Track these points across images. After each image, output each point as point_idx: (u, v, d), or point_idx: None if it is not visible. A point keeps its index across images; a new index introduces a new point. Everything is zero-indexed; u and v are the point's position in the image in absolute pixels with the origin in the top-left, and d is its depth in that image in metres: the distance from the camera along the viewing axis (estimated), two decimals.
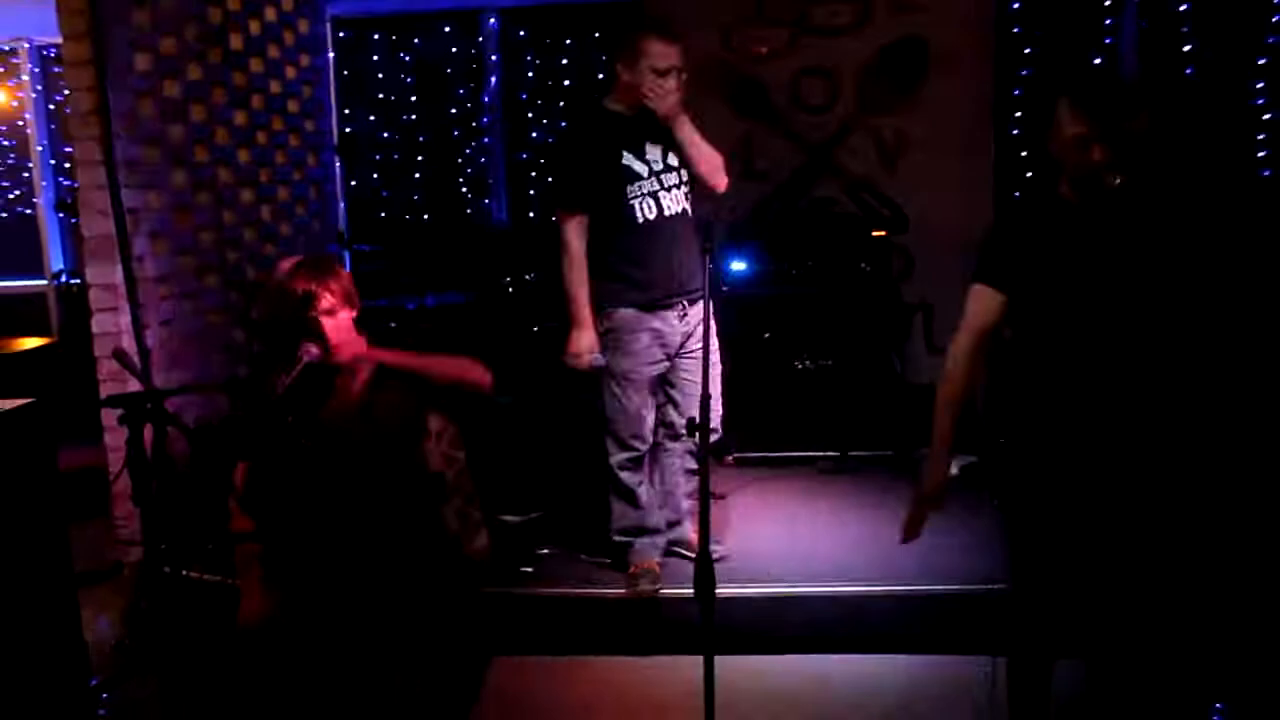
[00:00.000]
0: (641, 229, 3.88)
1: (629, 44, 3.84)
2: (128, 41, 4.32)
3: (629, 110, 3.89)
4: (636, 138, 3.89)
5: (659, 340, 3.97)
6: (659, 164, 3.92)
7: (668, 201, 3.92)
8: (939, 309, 5.85)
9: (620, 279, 3.92)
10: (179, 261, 4.67)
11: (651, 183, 3.90)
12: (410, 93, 7.03)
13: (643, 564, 4.07)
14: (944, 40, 5.73)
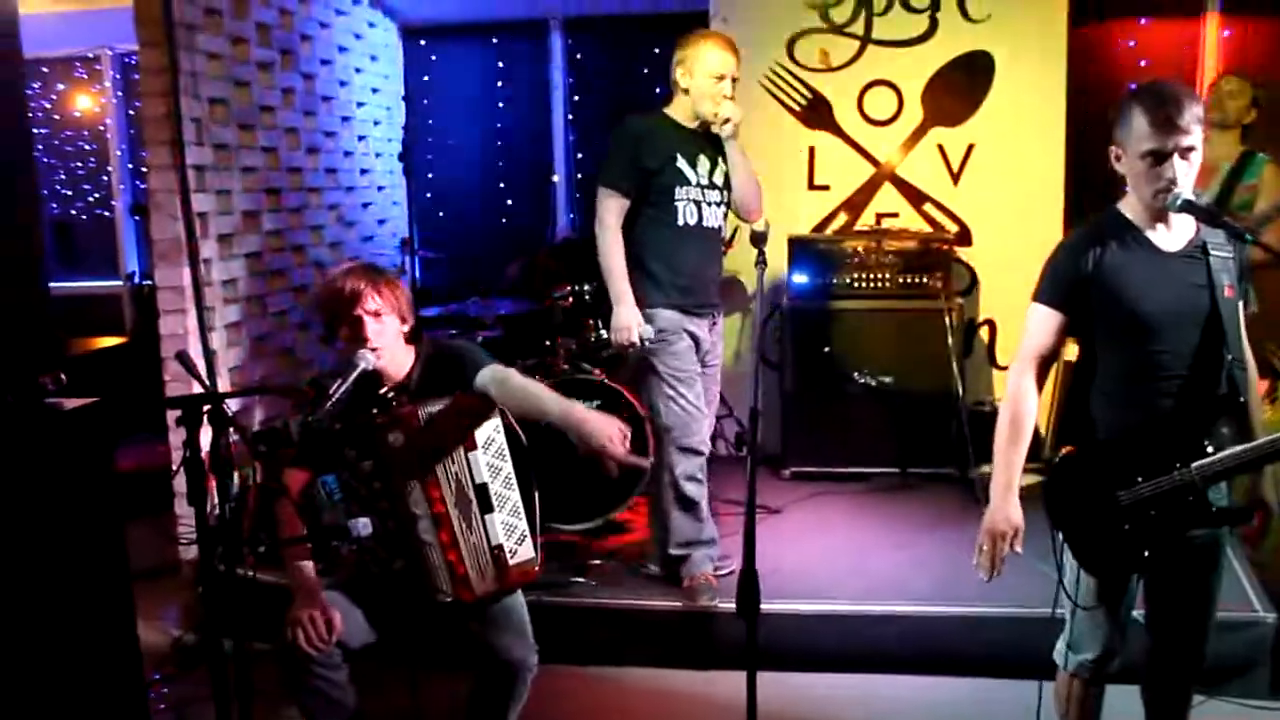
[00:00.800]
0: (681, 232, 3.98)
1: (687, 49, 3.97)
2: (201, 50, 4.40)
3: (687, 120, 4.01)
4: (692, 147, 4.00)
5: (694, 346, 4.05)
6: (706, 178, 4.02)
7: (707, 213, 4.02)
8: (1003, 325, 5.77)
9: (657, 278, 3.98)
10: (245, 266, 4.75)
11: (697, 191, 3.99)
12: (477, 102, 7.09)
13: (701, 576, 4.06)
14: (1012, 52, 5.64)
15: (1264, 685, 3.66)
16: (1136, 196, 2.65)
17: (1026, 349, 2.74)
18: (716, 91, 3.91)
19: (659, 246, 3.97)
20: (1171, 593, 2.78)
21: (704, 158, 4.02)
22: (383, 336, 2.93)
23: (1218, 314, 2.59)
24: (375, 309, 2.93)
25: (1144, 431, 2.61)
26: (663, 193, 3.95)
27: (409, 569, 2.85)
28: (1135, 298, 2.60)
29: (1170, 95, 2.53)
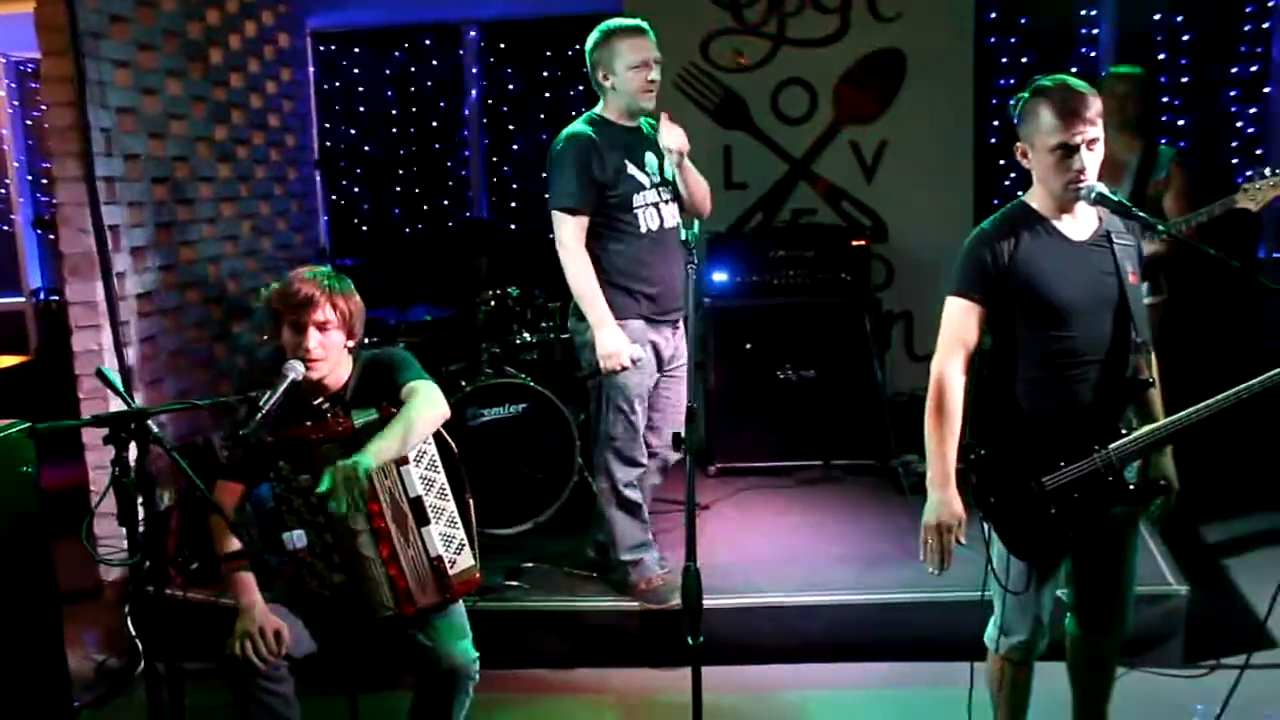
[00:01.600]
0: (645, 239, 3.84)
1: (599, 50, 3.81)
2: (107, 57, 4.30)
3: (624, 119, 3.86)
4: (638, 148, 3.86)
5: (656, 355, 3.96)
6: (656, 176, 3.88)
7: (667, 213, 3.88)
8: (918, 317, 5.90)
9: (628, 290, 3.85)
10: (160, 278, 4.65)
11: (653, 193, 3.86)
12: (391, 106, 7.03)
13: (656, 579, 4.06)
14: (922, 51, 5.77)
15: (1178, 654, 3.81)
16: (1045, 189, 2.73)
17: (946, 340, 2.79)
18: (643, 80, 3.75)
19: (628, 258, 3.83)
20: (1094, 571, 2.89)
21: (651, 155, 3.87)
22: (325, 349, 2.90)
23: (1125, 299, 2.70)
24: (323, 320, 2.88)
25: (1063, 416, 2.69)
26: (621, 203, 3.80)
27: (349, 583, 2.83)
28: (1050, 286, 2.69)
29: (1073, 90, 2.63)
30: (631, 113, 3.85)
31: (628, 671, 3.99)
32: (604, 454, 4.00)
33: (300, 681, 2.91)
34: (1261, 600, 4.08)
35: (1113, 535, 2.83)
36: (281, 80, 5.97)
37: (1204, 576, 4.25)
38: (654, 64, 3.77)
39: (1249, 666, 3.29)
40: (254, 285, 5.54)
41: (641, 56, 3.74)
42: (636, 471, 4.01)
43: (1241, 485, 5.43)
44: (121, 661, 4.16)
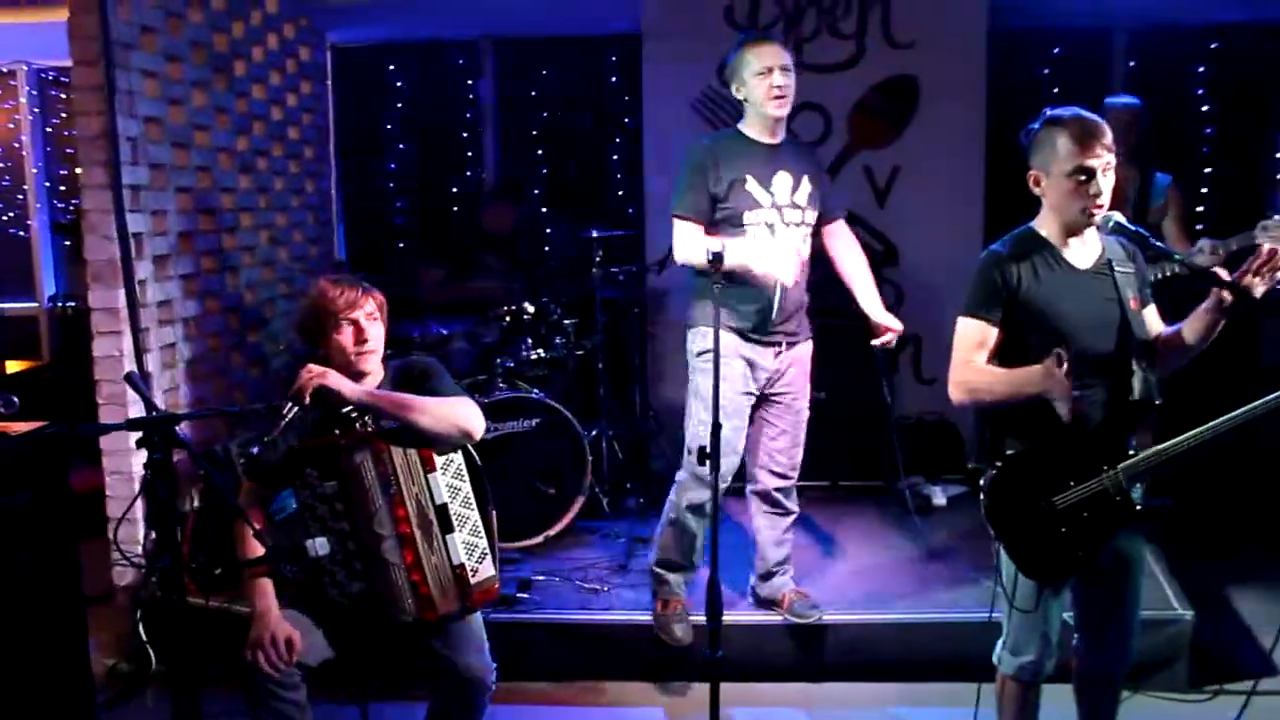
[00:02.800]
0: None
1: (732, 61, 3.80)
2: (137, 68, 4.36)
3: (761, 134, 3.82)
4: (768, 165, 3.80)
5: (751, 372, 3.87)
6: (784, 199, 3.81)
7: (782, 236, 3.81)
8: (928, 340, 5.95)
9: (720, 301, 3.65)
10: (180, 287, 4.71)
11: (770, 213, 3.79)
12: (409, 121, 7.09)
13: (675, 603, 4.02)
14: (935, 76, 5.83)
15: (1183, 679, 3.85)
16: (1057, 216, 2.80)
17: (959, 360, 2.84)
18: (769, 86, 3.69)
19: (729, 273, 3.64)
20: (1101, 593, 2.93)
21: (784, 174, 3.80)
22: (378, 340, 2.99)
23: (1127, 324, 2.78)
24: (371, 311, 2.99)
25: (1072, 437, 2.74)
26: (730, 217, 3.77)
27: (370, 590, 2.87)
28: (1057, 312, 2.76)
29: (1089, 118, 2.73)
30: (765, 123, 3.79)
31: (638, 685, 4.02)
32: (682, 467, 3.98)
33: (314, 689, 2.94)
34: (1266, 627, 4.12)
35: (1119, 558, 2.87)
36: (301, 93, 6.04)
37: (1208, 602, 4.29)
38: (782, 70, 3.71)
39: (1255, 693, 3.34)
40: (270, 295, 5.59)
41: (766, 63, 3.70)
42: (705, 493, 3.81)
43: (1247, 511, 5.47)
44: (132, 666, 4.19)
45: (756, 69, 3.71)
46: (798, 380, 4.00)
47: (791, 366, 3.96)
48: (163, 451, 2.49)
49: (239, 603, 3.96)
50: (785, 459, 4.04)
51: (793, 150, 3.90)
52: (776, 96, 3.72)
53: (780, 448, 4.02)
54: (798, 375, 4.00)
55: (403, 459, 2.86)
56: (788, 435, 4.01)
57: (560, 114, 6.98)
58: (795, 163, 3.85)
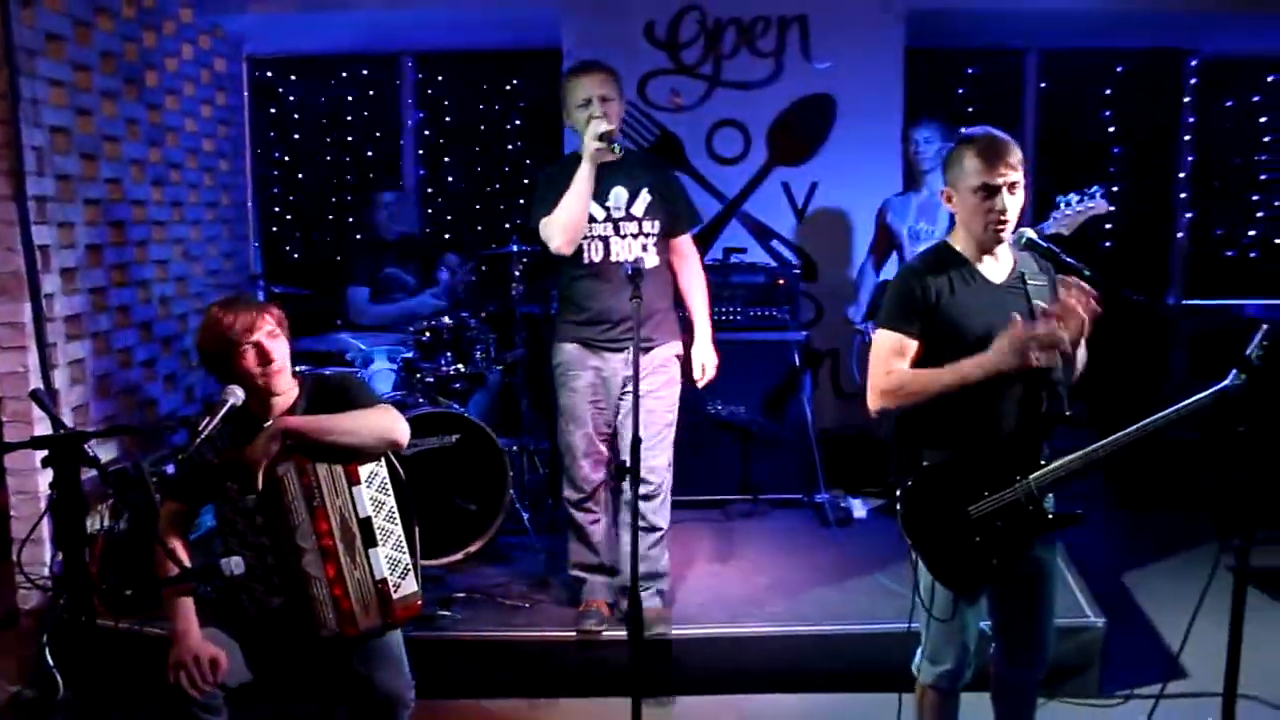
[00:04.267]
0: (586, 269, 3.96)
1: (561, 93, 3.97)
2: (43, 76, 4.25)
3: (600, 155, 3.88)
4: (604, 181, 3.91)
5: (600, 380, 4.03)
6: (620, 211, 3.96)
7: (618, 247, 3.96)
8: (846, 355, 6.03)
9: (566, 315, 4.03)
10: (90, 301, 4.59)
11: (605, 227, 3.95)
12: (327, 134, 7.00)
13: (592, 602, 4.11)
14: (852, 95, 5.94)
15: (1095, 685, 3.93)
16: (968, 231, 2.87)
17: (876, 372, 2.88)
18: (587, 116, 3.84)
19: (570, 285, 4.01)
20: (1016, 602, 2.99)
21: (620, 190, 3.97)
22: (283, 357, 2.93)
23: None
24: (271, 330, 2.92)
25: (986, 447, 2.80)
26: None
27: (289, 605, 2.82)
28: (972, 326, 2.81)
29: (996, 137, 2.81)
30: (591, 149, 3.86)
31: (561, 702, 4.00)
32: (561, 472, 4.17)
33: (233, 713, 2.88)
34: (1173, 631, 4.23)
35: (1033, 567, 2.92)
36: (216, 105, 5.93)
37: (1118, 609, 4.40)
38: (600, 100, 3.85)
39: (1164, 696, 3.43)
40: (183, 311, 5.48)
41: (585, 94, 3.86)
42: (577, 493, 4.10)
43: (1155, 518, 5.63)
44: (36, 692, 4.05)
45: (577, 100, 3.89)
46: (650, 381, 4.01)
47: (645, 369, 3.96)
48: (70, 470, 2.42)
49: (151, 624, 3.87)
50: (643, 465, 3.85)
51: (636, 164, 4.05)
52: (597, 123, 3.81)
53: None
54: (655, 378, 4.04)
55: (326, 472, 2.83)
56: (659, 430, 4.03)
57: (479, 128, 6.95)
58: (634, 176, 3.99)
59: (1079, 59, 6.79)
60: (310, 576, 2.81)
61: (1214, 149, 7.01)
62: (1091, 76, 6.86)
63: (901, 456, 2.93)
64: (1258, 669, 3.23)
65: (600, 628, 4.01)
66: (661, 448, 4.05)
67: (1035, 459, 2.80)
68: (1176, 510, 5.67)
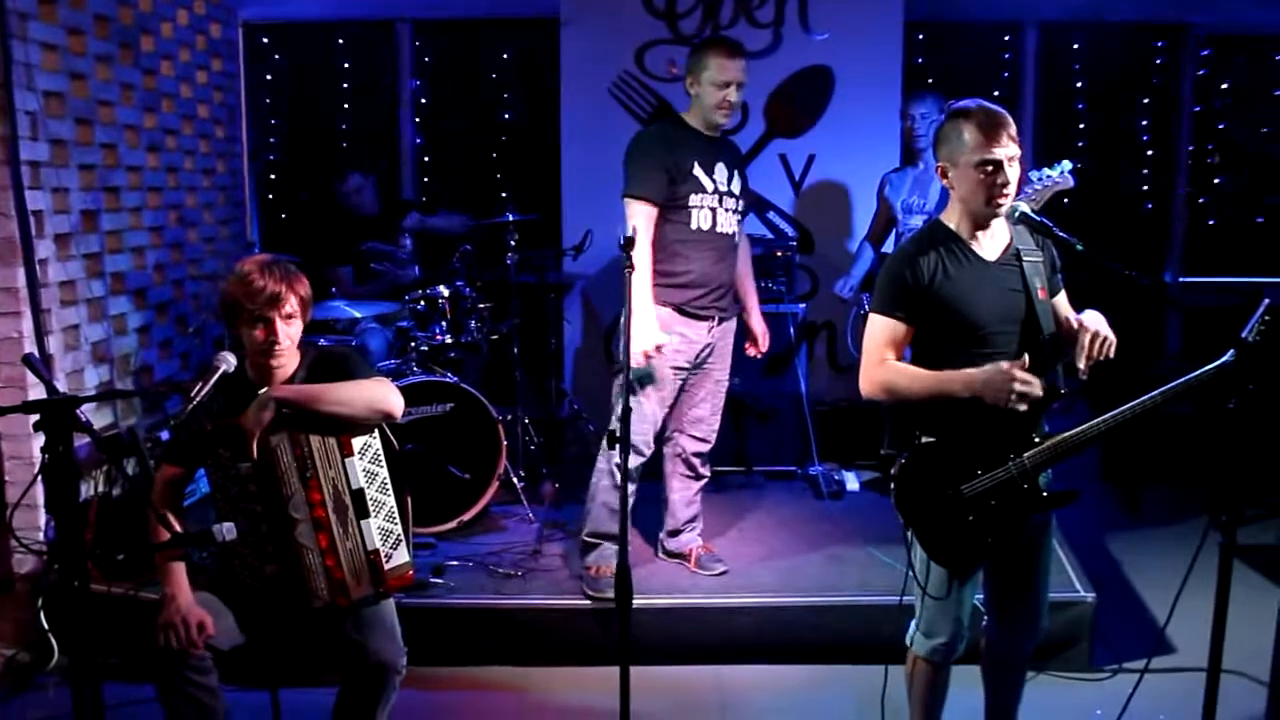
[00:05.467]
0: (693, 236, 4.03)
1: (693, 58, 4.02)
2: (35, 39, 4.21)
3: (704, 128, 4.06)
4: (709, 155, 4.07)
5: (686, 347, 4.08)
6: (724, 186, 4.09)
7: (722, 221, 4.07)
8: (843, 328, 6.03)
9: (662, 276, 4.02)
10: (84, 267, 4.57)
11: (713, 199, 4.05)
12: (323, 101, 6.96)
13: (607, 569, 4.10)
14: (851, 67, 5.91)
15: (1084, 659, 3.96)
16: (965, 207, 2.84)
17: (870, 356, 2.88)
18: (722, 99, 3.96)
19: (671, 249, 4.02)
20: (1010, 576, 3.00)
21: (722, 165, 4.09)
22: (292, 338, 2.92)
23: (1034, 315, 2.83)
24: (290, 312, 2.89)
25: (979, 426, 2.80)
26: (680, 198, 4.00)
27: (282, 573, 2.83)
28: (965, 304, 2.81)
29: (994, 110, 2.78)
30: (710, 123, 4.06)
31: (550, 670, 4.03)
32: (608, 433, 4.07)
33: (224, 675, 2.90)
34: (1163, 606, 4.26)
35: (1028, 542, 2.94)
36: (212, 70, 5.89)
37: (1108, 582, 4.43)
38: (737, 86, 3.98)
39: (1149, 671, 3.46)
40: (178, 277, 5.46)
41: (726, 77, 3.95)
42: (636, 461, 4.07)
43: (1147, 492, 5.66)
44: (32, 656, 4.08)
45: (718, 79, 3.96)
46: (724, 354, 4.28)
47: (721, 340, 4.23)
48: (62, 435, 2.42)
49: (145, 589, 3.89)
50: (706, 426, 4.33)
51: (729, 147, 4.22)
52: (722, 109, 4.00)
53: (702, 415, 4.30)
54: (724, 349, 4.27)
55: (320, 443, 2.83)
56: (708, 403, 4.30)
57: (476, 95, 6.91)
58: (732, 157, 4.18)
59: (1078, 32, 6.76)
60: (303, 547, 2.82)
61: (1214, 124, 6.99)
62: (1090, 50, 6.82)
63: (895, 430, 2.93)
64: (1245, 645, 3.27)
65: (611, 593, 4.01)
66: (720, 411, 4.38)
67: (1028, 437, 2.80)
68: (1169, 484, 5.70)
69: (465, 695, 3.91)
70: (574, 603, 4.08)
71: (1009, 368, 2.69)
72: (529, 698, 3.89)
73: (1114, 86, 6.88)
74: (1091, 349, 2.74)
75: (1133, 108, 6.91)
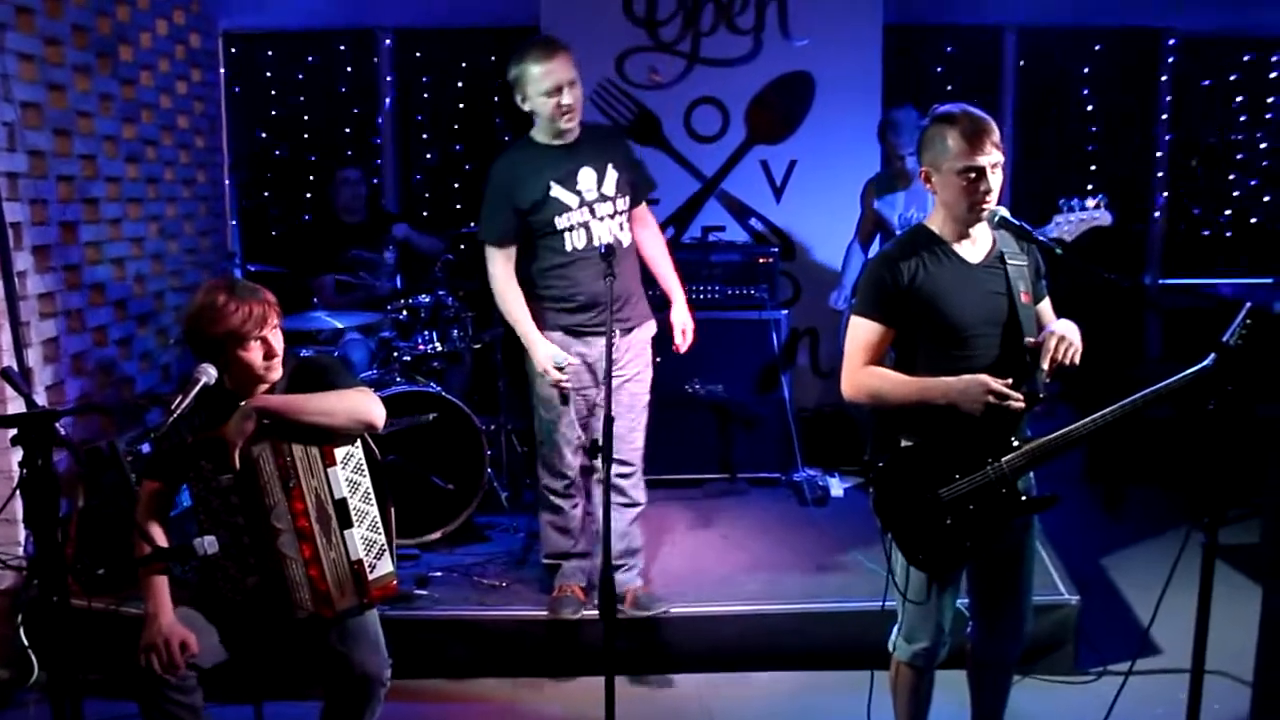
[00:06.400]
0: (570, 257, 3.87)
1: (513, 78, 3.77)
2: (12, 50, 4.19)
3: (554, 139, 3.83)
4: (566, 166, 3.83)
5: (586, 365, 3.96)
6: (592, 193, 3.86)
7: (598, 231, 3.88)
8: (824, 334, 6.04)
9: (549, 303, 3.92)
10: (63, 279, 4.54)
11: (582, 213, 3.85)
12: (304, 110, 6.94)
13: (566, 588, 4.07)
14: (831, 73, 5.93)
15: (1068, 662, 3.97)
16: (948, 212, 2.85)
17: (852, 359, 2.88)
18: (555, 105, 3.70)
19: (551, 274, 3.90)
20: (993, 580, 3.00)
21: (587, 171, 3.84)
22: (281, 348, 2.92)
23: (1016, 318, 2.83)
24: (276, 323, 2.91)
25: (958, 430, 2.80)
26: (545, 226, 3.83)
27: (264, 585, 2.81)
28: (947, 307, 2.81)
29: (978, 116, 2.78)
30: (556, 134, 3.81)
31: (535, 681, 4.01)
32: (537, 460, 4.09)
33: (208, 692, 2.87)
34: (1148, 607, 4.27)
35: (1010, 545, 2.94)
36: (192, 81, 5.87)
37: (1092, 585, 4.43)
38: (569, 87, 3.70)
39: (1133, 673, 3.47)
40: (159, 288, 5.44)
41: (551, 82, 3.68)
42: (556, 480, 4.06)
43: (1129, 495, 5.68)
44: (12, 673, 4.04)
45: (544, 87, 3.69)
46: (633, 365, 4.04)
47: (628, 351, 4.01)
48: (40, 449, 2.40)
49: (127, 604, 3.86)
50: (625, 445, 4.02)
51: (594, 140, 3.90)
52: (568, 115, 3.74)
53: (619, 433, 3.93)
54: (633, 359, 4.04)
55: (302, 453, 2.82)
56: (624, 420, 4.00)
57: (457, 104, 6.90)
58: (598, 154, 3.88)
59: (1057, 37, 6.80)
60: (286, 557, 2.80)
61: (1191, 128, 7.04)
62: (1070, 55, 6.86)
63: (877, 435, 2.94)
64: (1229, 645, 3.28)
65: (577, 615, 3.99)
66: (641, 427, 4.09)
67: (1007, 441, 2.80)
68: (1152, 486, 5.72)
69: (450, 707, 3.89)
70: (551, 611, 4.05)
71: (986, 379, 2.70)
72: (514, 709, 3.88)
73: (1092, 90, 6.92)
74: (1056, 352, 2.75)
75: (1111, 111, 6.95)
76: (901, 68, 6.47)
